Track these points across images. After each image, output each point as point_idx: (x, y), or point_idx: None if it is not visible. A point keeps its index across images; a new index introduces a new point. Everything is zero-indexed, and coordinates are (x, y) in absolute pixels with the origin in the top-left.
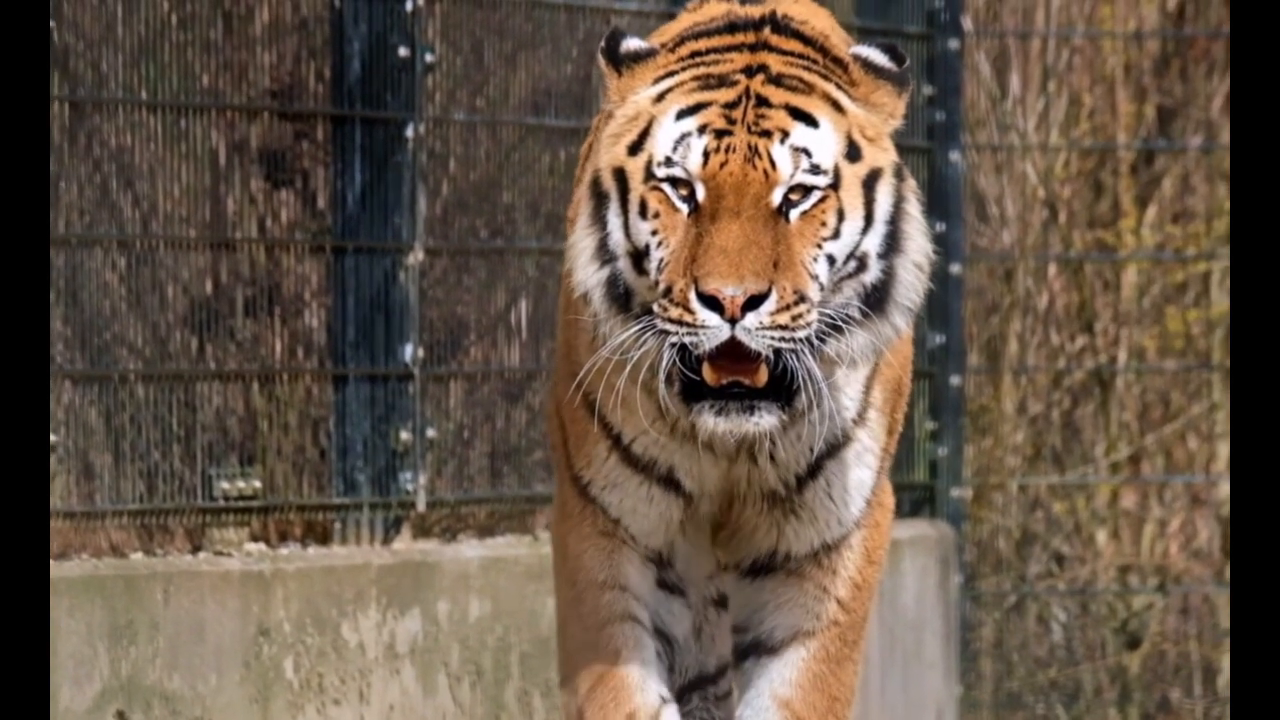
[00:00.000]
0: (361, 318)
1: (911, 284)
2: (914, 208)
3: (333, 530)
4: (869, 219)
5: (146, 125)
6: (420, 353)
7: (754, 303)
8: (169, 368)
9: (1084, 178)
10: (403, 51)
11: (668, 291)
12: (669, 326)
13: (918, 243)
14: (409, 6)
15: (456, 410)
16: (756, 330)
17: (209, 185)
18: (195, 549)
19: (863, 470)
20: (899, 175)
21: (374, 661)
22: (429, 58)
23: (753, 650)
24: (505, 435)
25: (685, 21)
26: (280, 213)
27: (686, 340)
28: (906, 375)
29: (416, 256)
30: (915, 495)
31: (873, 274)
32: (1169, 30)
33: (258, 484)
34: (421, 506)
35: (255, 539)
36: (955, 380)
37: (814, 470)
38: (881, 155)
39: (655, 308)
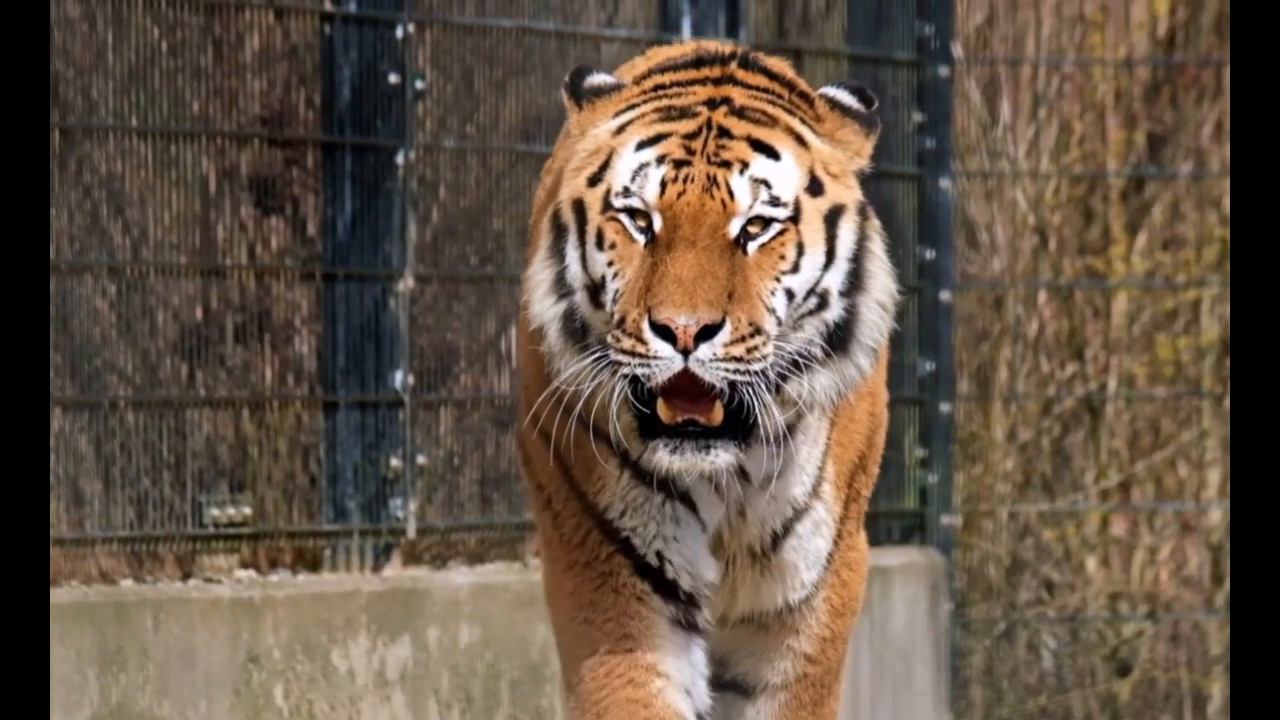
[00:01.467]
0: (352, 344)
1: (875, 323)
2: (878, 246)
3: (323, 557)
4: (831, 255)
5: (137, 152)
6: (410, 379)
7: (707, 333)
8: (159, 394)
9: (1074, 205)
10: (393, 78)
11: (621, 322)
12: (621, 357)
13: (881, 281)
14: (399, 33)
15: (447, 437)
16: (710, 362)
17: (199, 212)
18: (185, 576)
19: (819, 540)
20: (863, 214)
21: (364, 688)
22: (419, 84)
23: (730, 687)
24: (495, 462)
25: (654, 58)
26: (270, 239)
27: (639, 372)
28: (875, 449)
29: (407, 283)
30: (905, 522)
31: (835, 312)
32: (1159, 58)
33: (248, 511)
34: (412, 533)
35: (245, 566)
36: (945, 407)
37: (786, 530)
38: (845, 192)
39: (609, 339)
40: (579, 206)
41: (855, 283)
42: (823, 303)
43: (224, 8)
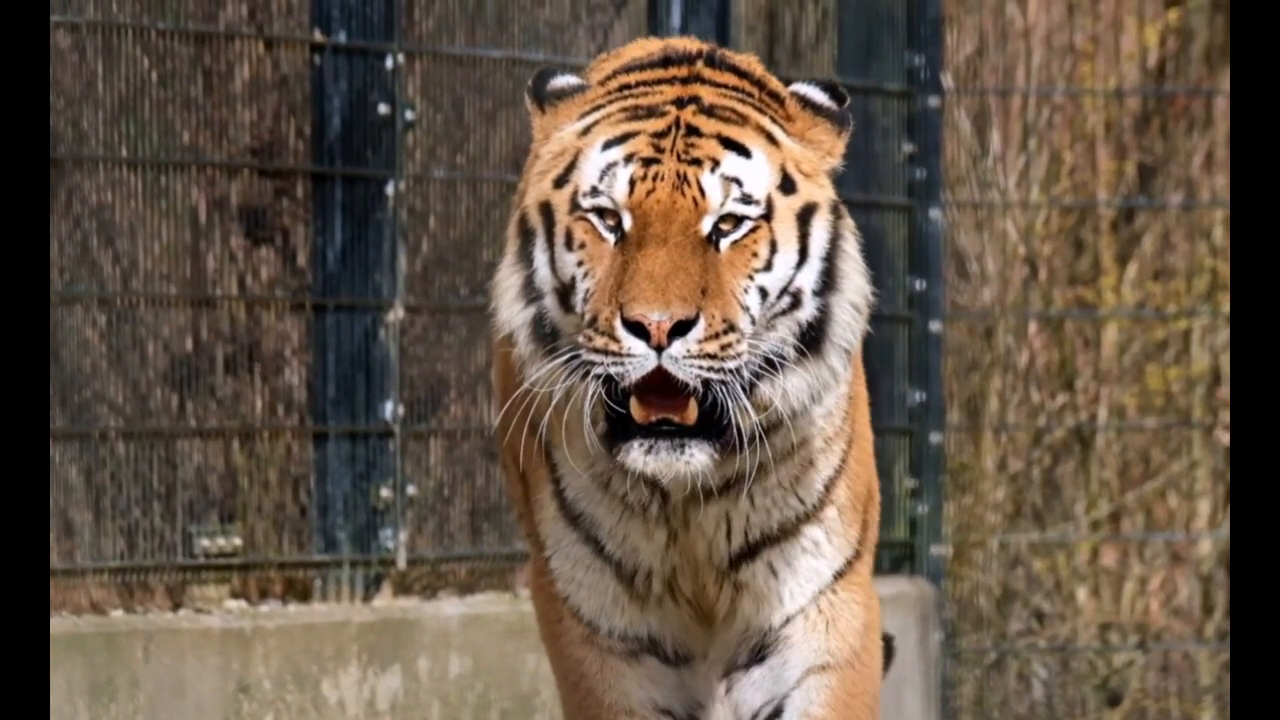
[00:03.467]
0: (342, 375)
1: (848, 324)
2: (851, 246)
3: (313, 587)
4: (804, 254)
5: (126, 182)
6: (400, 410)
7: (681, 329)
8: (149, 425)
9: (1064, 235)
10: (383, 109)
11: (593, 321)
12: (594, 357)
13: (855, 282)
14: (389, 64)
15: (437, 467)
16: (684, 359)
17: (189, 242)
18: (176, 606)
19: (820, 562)
20: (836, 212)
21: (354, 719)
22: (409, 115)
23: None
24: (485, 493)
25: (622, 57)
26: (260, 270)
27: (612, 370)
28: (873, 488)
29: (397, 314)
30: (895, 552)
31: (808, 311)
32: (1149, 88)
33: (238, 541)
34: (402, 564)
35: (236, 596)
36: (935, 438)
37: (763, 541)
38: (818, 191)
39: (580, 338)
40: (546, 209)
41: (828, 282)
42: (796, 302)
43: (214, 38)
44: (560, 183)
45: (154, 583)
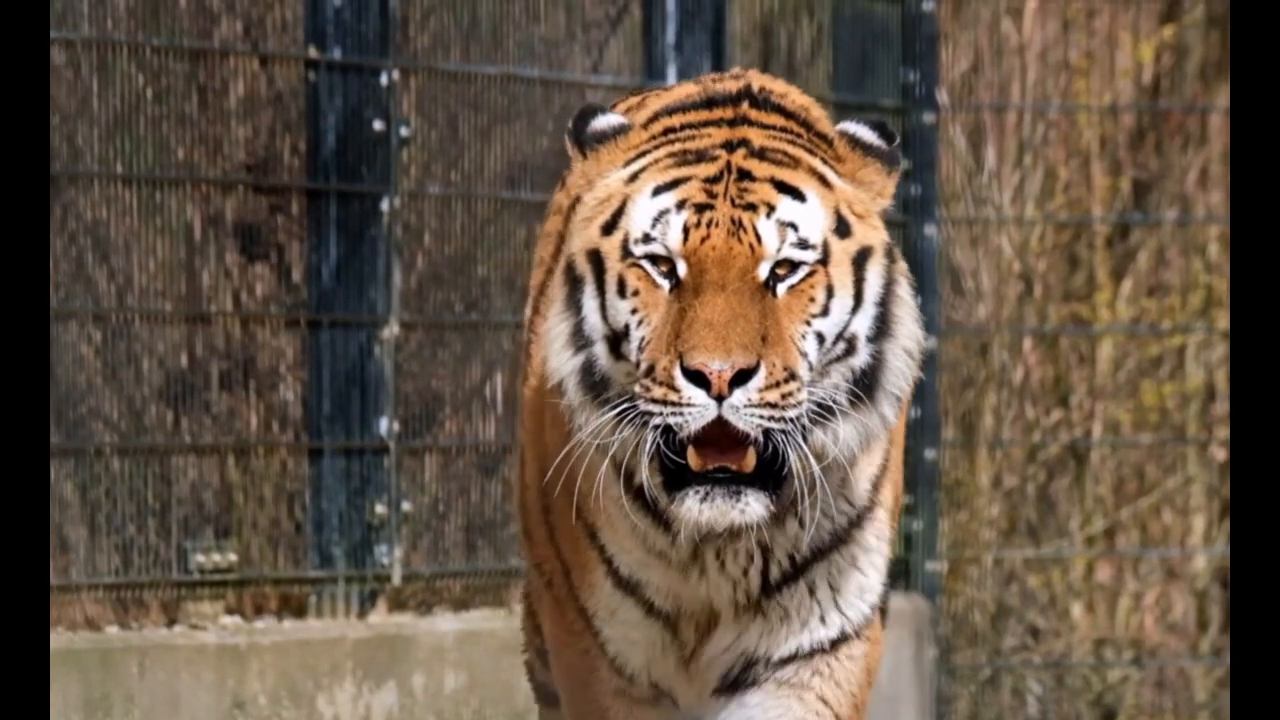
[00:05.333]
0: (337, 391)
1: (901, 371)
2: (905, 290)
3: (308, 603)
4: (859, 298)
5: (122, 199)
6: (395, 426)
7: (742, 378)
8: (144, 441)
9: (1059, 251)
10: (378, 125)
11: (650, 370)
12: (652, 407)
13: (909, 328)
14: (384, 80)
15: (432, 484)
16: (745, 409)
17: (184, 259)
18: (171, 622)
19: (870, 574)
20: (890, 256)
21: None
22: (404, 131)
23: None
24: (481, 509)
25: (656, 103)
26: (255, 286)
27: (671, 421)
28: (898, 503)
29: (392, 330)
30: (890, 568)
31: (862, 358)
32: (1144, 104)
33: (233, 557)
34: (397, 580)
35: (231, 612)
36: (930, 454)
37: (803, 568)
38: (871, 233)
39: (637, 388)
40: (595, 256)
41: (882, 328)
42: (850, 348)
43: (209, 55)
44: (609, 229)
45: (149, 599)
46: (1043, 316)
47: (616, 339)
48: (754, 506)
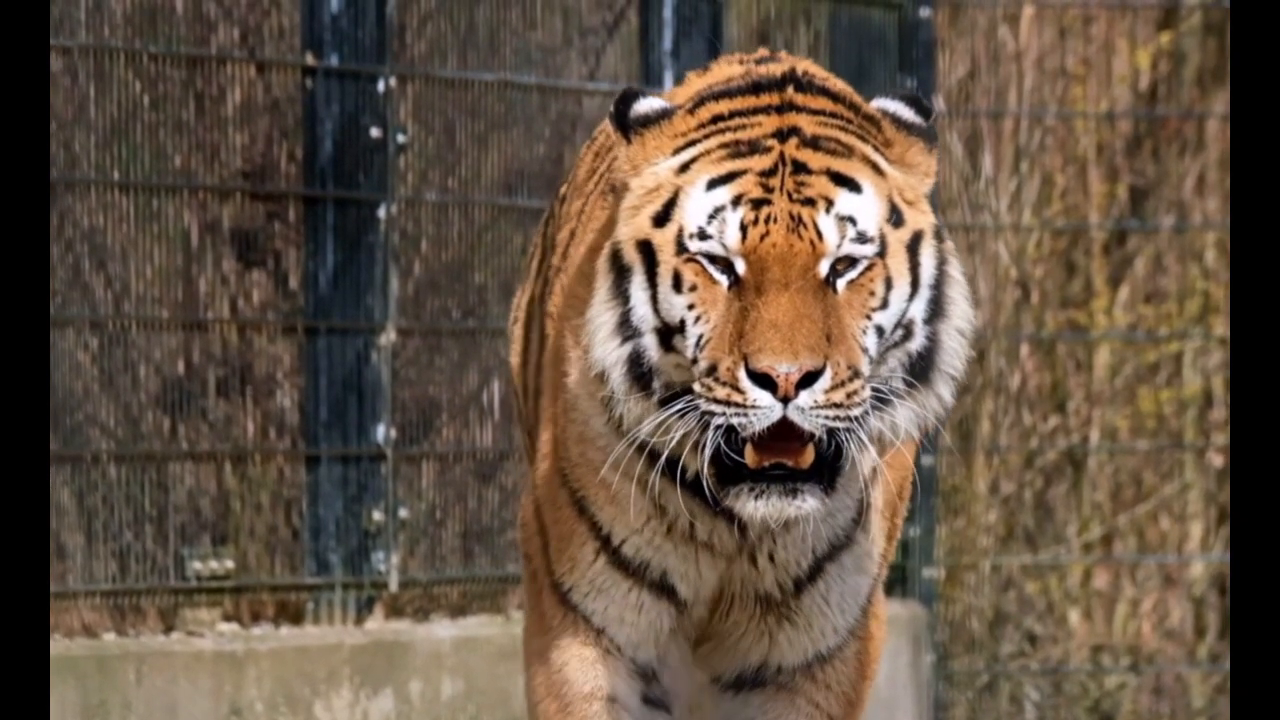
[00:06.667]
0: (334, 398)
1: (955, 350)
2: (956, 270)
3: (305, 610)
4: (915, 285)
5: (119, 206)
6: (392, 433)
7: (808, 380)
8: (141, 448)
9: (1056, 258)
10: (375, 132)
11: (712, 370)
12: (714, 407)
13: (961, 307)
14: (381, 87)
15: (429, 490)
16: (810, 410)
17: (181, 266)
18: (168, 629)
19: (861, 577)
20: (939, 237)
21: None
22: (401, 138)
23: None
24: (477, 515)
25: (697, 84)
26: (252, 293)
27: (735, 421)
28: (907, 483)
29: (389, 337)
30: (887, 575)
31: (918, 342)
32: (1141, 111)
33: (230, 564)
34: (394, 586)
35: (228, 619)
36: (927, 460)
37: (814, 573)
38: (922, 218)
39: (697, 387)
40: (646, 247)
41: (936, 309)
42: (908, 334)
43: (206, 62)
44: (660, 221)
45: (146, 605)
46: (1040, 323)
47: (668, 332)
48: (810, 501)
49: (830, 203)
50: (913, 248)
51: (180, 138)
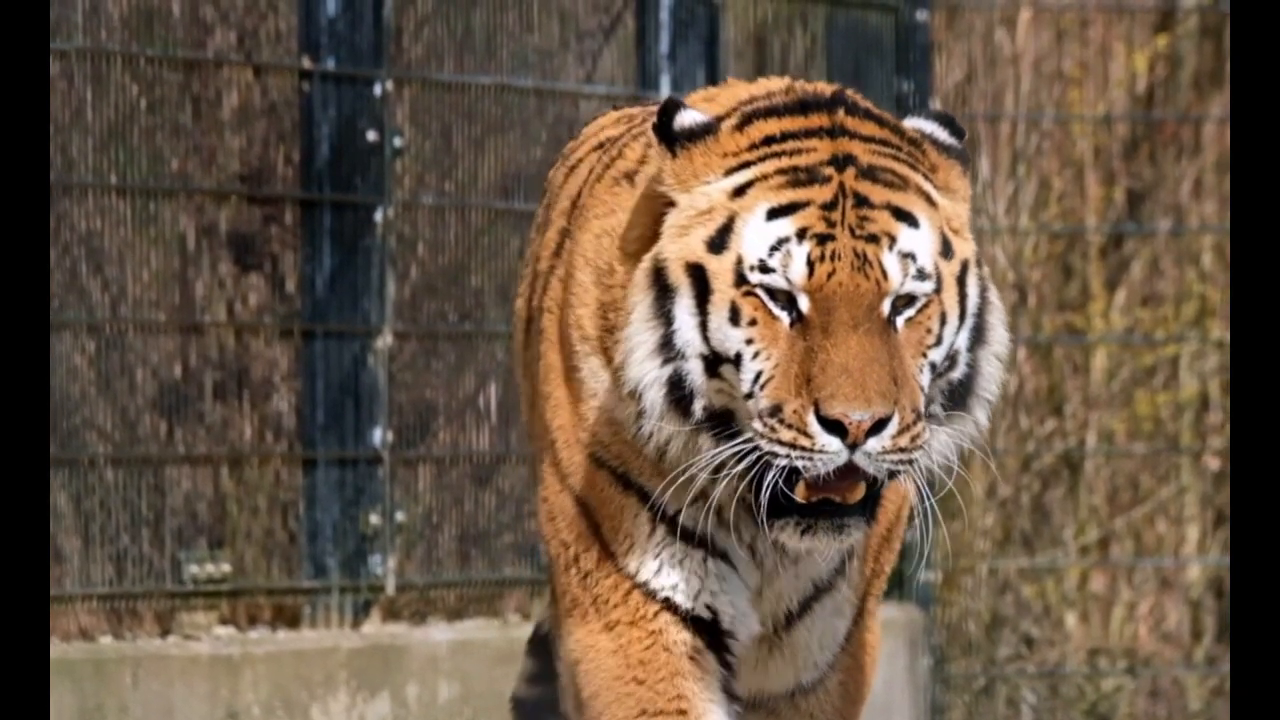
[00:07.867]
0: (331, 401)
1: (992, 375)
2: (995, 296)
3: (302, 613)
4: (962, 316)
5: (115, 209)
6: (389, 436)
7: (878, 426)
8: (138, 451)
9: (1053, 261)
10: (371, 136)
11: (775, 411)
12: (778, 449)
13: (999, 333)
14: (378, 90)
15: (426, 494)
16: (877, 455)
17: (178, 269)
18: (164, 632)
19: (839, 620)
20: (979, 264)
21: None
22: (398, 142)
23: None
24: (475, 519)
25: (740, 92)
26: (249, 296)
27: (799, 464)
28: (900, 521)
29: (385, 340)
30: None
31: (960, 370)
32: (1138, 114)
33: (227, 567)
34: (391, 590)
35: (224, 622)
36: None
37: (804, 609)
38: (966, 246)
39: (758, 425)
40: (697, 272)
41: (978, 337)
42: (952, 364)
43: (203, 65)
44: (715, 247)
45: (143, 609)
46: (1037, 326)
47: (717, 360)
48: (856, 534)
49: (893, 239)
50: (961, 278)
51: (177, 141)
